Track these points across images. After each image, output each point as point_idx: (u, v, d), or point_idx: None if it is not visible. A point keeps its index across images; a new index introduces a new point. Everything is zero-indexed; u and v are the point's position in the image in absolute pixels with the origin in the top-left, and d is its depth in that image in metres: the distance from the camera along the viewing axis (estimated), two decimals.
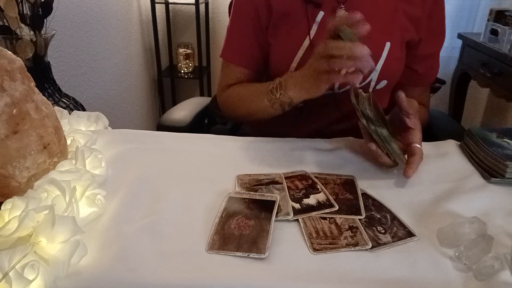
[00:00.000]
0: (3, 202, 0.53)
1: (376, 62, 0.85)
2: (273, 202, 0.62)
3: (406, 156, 0.71)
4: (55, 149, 0.63)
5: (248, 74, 0.96)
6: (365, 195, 0.66)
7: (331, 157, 0.78)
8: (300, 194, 0.65)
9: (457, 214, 0.61)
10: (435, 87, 1.17)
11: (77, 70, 1.59)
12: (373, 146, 0.70)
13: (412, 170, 0.68)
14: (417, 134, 0.72)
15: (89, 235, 0.54)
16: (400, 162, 0.70)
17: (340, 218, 0.60)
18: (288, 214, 0.60)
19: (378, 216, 0.61)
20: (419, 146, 0.71)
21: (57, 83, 1.06)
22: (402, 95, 0.71)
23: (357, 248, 0.54)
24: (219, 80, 1.00)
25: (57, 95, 1.05)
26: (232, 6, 0.94)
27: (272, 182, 0.68)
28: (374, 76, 0.87)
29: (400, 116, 0.73)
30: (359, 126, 0.73)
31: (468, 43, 1.93)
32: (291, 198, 0.64)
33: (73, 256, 0.48)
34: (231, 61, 0.96)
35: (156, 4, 2.11)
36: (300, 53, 0.86)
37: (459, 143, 0.83)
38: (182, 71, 2.34)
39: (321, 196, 0.65)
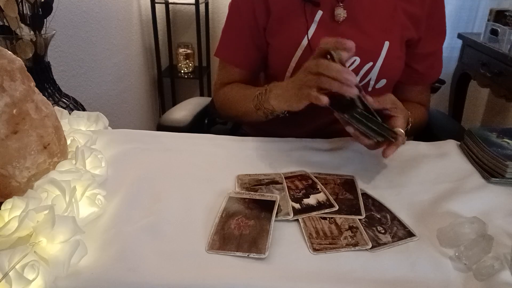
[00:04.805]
0: (3, 202, 0.53)
1: (375, 61, 0.85)
2: (273, 202, 0.62)
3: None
4: (55, 149, 0.63)
5: (243, 74, 0.96)
6: (365, 195, 0.66)
7: (331, 157, 0.78)
8: (300, 194, 0.65)
9: (457, 214, 0.61)
10: (435, 87, 1.17)
11: (77, 70, 1.59)
12: (351, 129, 0.70)
13: (390, 151, 0.69)
14: (399, 120, 0.72)
15: (89, 235, 0.54)
16: (381, 139, 0.69)
17: (340, 218, 0.60)
18: (288, 214, 0.60)
19: (378, 216, 0.61)
20: (401, 130, 0.71)
21: (57, 83, 1.06)
22: (370, 99, 0.70)
23: (357, 248, 0.54)
24: (215, 78, 1.01)
25: (57, 95, 1.05)
26: (229, 5, 0.94)
27: (272, 182, 0.68)
28: (373, 75, 0.87)
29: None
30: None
31: (468, 43, 1.93)
32: (291, 198, 0.64)
33: (73, 256, 0.48)
34: (225, 60, 0.97)
35: (156, 4, 2.11)
36: (299, 52, 0.86)
37: (459, 143, 0.83)
38: (182, 71, 2.34)
39: (321, 196, 0.65)
